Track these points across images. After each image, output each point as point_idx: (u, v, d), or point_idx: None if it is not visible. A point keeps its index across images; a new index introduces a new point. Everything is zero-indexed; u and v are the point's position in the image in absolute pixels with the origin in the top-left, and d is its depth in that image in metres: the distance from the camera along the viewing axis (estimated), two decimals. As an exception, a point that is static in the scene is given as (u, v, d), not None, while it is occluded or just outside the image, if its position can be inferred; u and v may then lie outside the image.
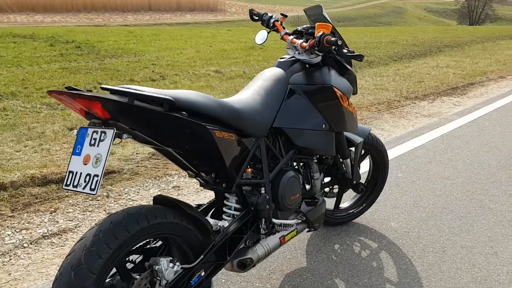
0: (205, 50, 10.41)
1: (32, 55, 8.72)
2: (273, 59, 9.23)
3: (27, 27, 17.34)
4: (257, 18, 2.47)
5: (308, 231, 2.40)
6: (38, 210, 2.80)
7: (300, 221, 2.22)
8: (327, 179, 2.74)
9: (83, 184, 1.42)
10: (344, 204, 2.92)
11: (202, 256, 1.72)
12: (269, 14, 2.43)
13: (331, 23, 2.28)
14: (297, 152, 2.18)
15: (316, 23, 2.16)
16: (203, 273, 1.76)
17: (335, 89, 2.20)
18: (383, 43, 12.19)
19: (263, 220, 2.00)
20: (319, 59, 2.21)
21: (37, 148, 3.83)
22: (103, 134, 1.42)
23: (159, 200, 1.70)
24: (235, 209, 1.97)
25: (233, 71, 7.94)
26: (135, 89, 1.50)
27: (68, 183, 1.45)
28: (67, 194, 3.05)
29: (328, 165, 2.46)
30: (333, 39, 2.01)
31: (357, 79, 2.48)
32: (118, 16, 41.14)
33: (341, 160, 2.59)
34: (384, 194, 3.27)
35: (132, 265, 1.65)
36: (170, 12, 45.42)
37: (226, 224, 1.86)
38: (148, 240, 1.69)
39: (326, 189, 2.79)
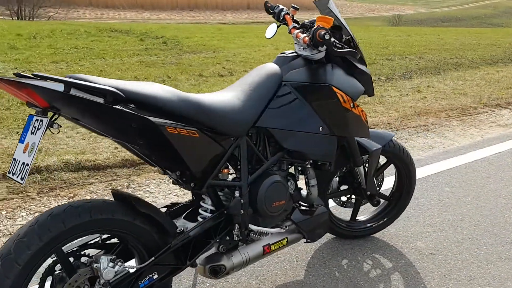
0: (284, 48, 10.32)
1: (120, 48, 9.27)
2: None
3: (125, 23, 18.52)
4: (271, 11, 2.33)
5: (306, 242, 2.21)
6: (58, 194, 2.92)
7: (283, 230, 2.04)
8: (344, 187, 2.54)
9: (18, 173, 1.41)
10: (362, 217, 2.67)
11: (152, 258, 1.63)
12: (280, 7, 2.28)
13: (336, 16, 2.08)
14: (288, 156, 2.01)
15: (317, 16, 1.97)
16: (155, 276, 1.67)
17: (335, 89, 1.99)
18: (482, 45, 11.18)
19: (237, 225, 1.87)
20: (321, 55, 2.01)
21: (86, 135, 4.01)
22: (40, 123, 1.40)
23: (117, 195, 1.65)
24: (211, 211, 1.87)
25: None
26: (83, 79, 1.46)
27: (10, 170, 1.45)
28: (91, 181, 3.15)
29: (345, 174, 2.26)
30: (323, 33, 1.81)
31: (372, 79, 2.24)
32: (218, 14, 42.56)
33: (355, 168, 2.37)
34: (420, 209, 2.95)
35: (85, 259, 1.62)
36: (268, 11, 45.86)
37: (189, 226, 1.76)
38: (103, 235, 1.65)
39: (343, 198, 2.58)
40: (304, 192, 2.16)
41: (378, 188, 2.60)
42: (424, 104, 5.55)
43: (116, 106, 1.44)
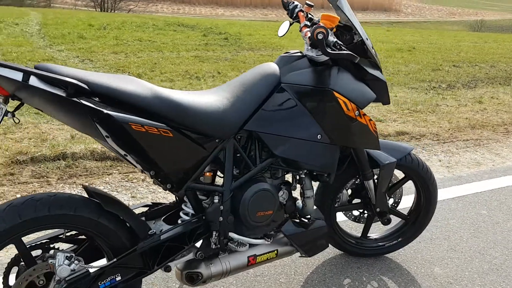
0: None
1: (180, 42, 9.44)
2: (415, 62, 8.44)
3: (196, 18, 18.89)
4: (286, 8, 2.19)
5: (300, 257, 2.06)
6: (74, 182, 2.96)
7: (268, 242, 1.90)
8: (356, 200, 2.35)
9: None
10: (375, 234, 2.46)
11: (114, 260, 1.57)
12: (295, 3, 2.13)
13: (346, 15, 1.90)
14: (281, 163, 1.87)
15: (322, 14, 1.82)
16: (118, 278, 1.61)
17: (337, 95, 1.83)
18: None
19: (214, 232, 1.76)
20: (326, 57, 1.85)
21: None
22: (0, 111, 1.38)
23: (89, 191, 1.61)
24: (192, 215, 1.78)
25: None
26: (50, 69, 1.42)
27: None
28: (110, 172, 3.17)
29: (357, 187, 2.12)
30: (317, 31, 1.66)
31: (387, 87, 2.03)
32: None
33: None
34: (447, 231, 2.69)
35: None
36: (341, 10, 45.22)
37: (164, 229, 1.69)
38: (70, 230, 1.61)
39: (356, 213, 2.39)
40: (300, 203, 2.01)
41: (396, 205, 2.39)
42: (482, 116, 5.11)
43: (74, 99, 1.38)
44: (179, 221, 1.77)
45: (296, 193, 2.01)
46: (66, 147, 3.37)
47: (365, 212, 2.36)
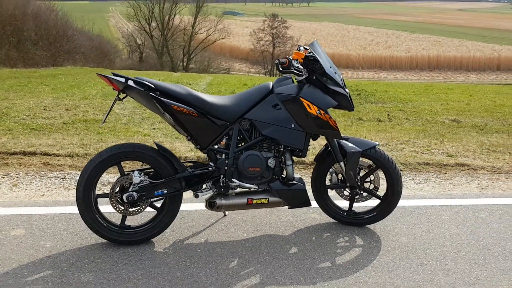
0: (481, 104, 10.10)
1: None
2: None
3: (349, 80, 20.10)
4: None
5: (289, 208, 3.15)
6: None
7: (256, 187, 3.03)
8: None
9: (103, 118, 2.92)
10: (358, 209, 3.37)
11: (163, 180, 2.92)
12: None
13: (314, 53, 3.02)
14: (267, 141, 3.04)
15: (294, 51, 3.01)
16: (165, 191, 2.95)
17: (302, 99, 2.96)
18: None
19: (222, 176, 3.00)
20: (302, 77, 3.02)
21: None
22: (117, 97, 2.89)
23: (156, 144, 3.00)
24: (210, 166, 3.05)
25: (473, 122, 7.83)
26: (143, 79, 2.89)
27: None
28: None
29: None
30: (283, 59, 2.86)
31: (349, 98, 3.07)
32: (461, 75, 41.04)
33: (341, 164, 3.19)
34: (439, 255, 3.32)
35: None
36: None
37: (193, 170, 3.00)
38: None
39: (346, 193, 3.35)
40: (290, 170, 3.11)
41: (376, 190, 3.30)
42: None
43: (148, 92, 2.83)
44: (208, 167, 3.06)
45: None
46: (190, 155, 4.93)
47: (348, 191, 3.31)
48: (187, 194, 3.13)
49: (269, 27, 41.02)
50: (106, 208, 3.13)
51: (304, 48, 3.22)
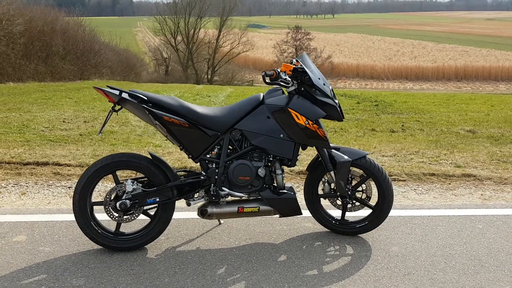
0: (502, 114, 9.92)
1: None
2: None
3: (364, 91, 20.03)
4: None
5: (280, 217, 3.20)
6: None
7: (245, 196, 3.09)
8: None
9: (99, 129, 3.06)
10: (350, 218, 3.39)
11: (155, 188, 3.02)
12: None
13: (302, 65, 3.09)
14: (257, 151, 3.11)
15: (283, 63, 3.08)
16: (158, 199, 3.04)
17: (290, 110, 3.02)
18: None
19: (212, 185, 3.08)
20: (292, 89, 3.09)
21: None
22: (110, 109, 3.02)
23: (150, 153, 3.11)
24: (201, 174, 3.14)
25: (489, 132, 7.70)
26: (137, 92, 3.02)
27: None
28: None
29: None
30: (271, 72, 2.94)
31: (339, 108, 3.12)
32: (489, 85, 40.21)
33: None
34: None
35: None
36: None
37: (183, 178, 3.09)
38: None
39: (338, 202, 3.38)
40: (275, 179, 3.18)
41: (368, 199, 3.32)
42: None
43: (141, 104, 2.95)
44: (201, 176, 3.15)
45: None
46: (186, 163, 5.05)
47: (340, 200, 3.34)
48: (182, 203, 3.23)
49: (292, 39, 41.28)
50: (103, 216, 3.25)
51: (296, 60, 3.31)
